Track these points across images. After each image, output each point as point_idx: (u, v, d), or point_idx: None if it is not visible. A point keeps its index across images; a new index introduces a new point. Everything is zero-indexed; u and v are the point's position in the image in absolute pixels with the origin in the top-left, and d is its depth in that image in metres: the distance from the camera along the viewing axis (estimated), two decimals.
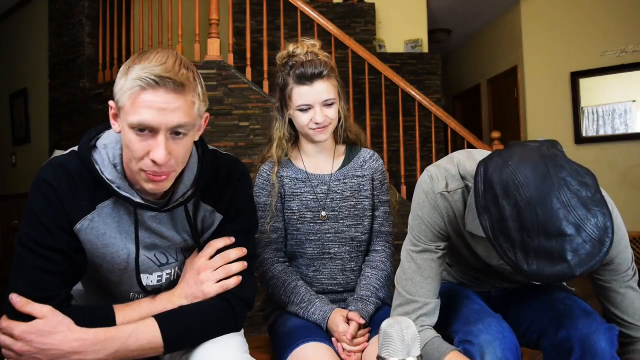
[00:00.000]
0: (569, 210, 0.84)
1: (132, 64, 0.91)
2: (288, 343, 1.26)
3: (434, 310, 1.15)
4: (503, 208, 0.88)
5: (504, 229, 0.88)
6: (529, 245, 0.85)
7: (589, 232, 0.84)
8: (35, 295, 0.92)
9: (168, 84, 0.89)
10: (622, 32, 5.00)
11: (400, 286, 1.17)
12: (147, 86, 0.88)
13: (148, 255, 1.05)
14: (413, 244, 1.17)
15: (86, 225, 0.98)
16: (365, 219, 1.48)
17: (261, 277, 1.45)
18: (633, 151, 4.97)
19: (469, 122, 6.61)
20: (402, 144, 3.69)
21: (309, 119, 1.39)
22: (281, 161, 1.49)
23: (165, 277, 1.09)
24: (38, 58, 4.91)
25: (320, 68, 1.38)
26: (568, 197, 0.85)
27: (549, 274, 0.85)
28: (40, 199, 0.96)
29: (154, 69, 0.88)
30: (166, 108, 0.89)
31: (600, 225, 0.85)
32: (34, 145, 5.11)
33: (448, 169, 1.16)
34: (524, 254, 0.86)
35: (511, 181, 0.88)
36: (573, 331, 1.12)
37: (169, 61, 0.90)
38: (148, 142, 0.91)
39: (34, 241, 0.94)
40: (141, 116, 0.89)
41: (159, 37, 3.59)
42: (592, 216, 0.85)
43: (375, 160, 1.53)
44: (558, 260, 0.84)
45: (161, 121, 0.90)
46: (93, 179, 0.98)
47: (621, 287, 1.13)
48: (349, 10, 4.75)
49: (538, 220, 0.85)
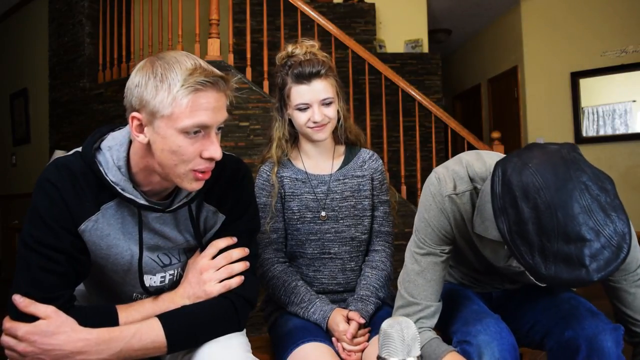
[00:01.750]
0: (589, 215, 0.83)
1: (165, 72, 0.91)
2: (288, 343, 1.26)
3: (434, 313, 1.15)
4: (522, 210, 0.87)
5: (522, 232, 0.87)
6: (547, 249, 0.84)
7: (607, 237, 0.83)
8: (38, 295, 0.92)
9: (218, 83, 0.93)
10: (622, 32, 5.00)
11: (402, 288, 1.18)
12: (203, 88, 0.91)
13: (151, 256, 1.06)
14: (418, 246, 1.17)
15: (90, 226, 0.98)
16: (365, 218, 1.48)
17: (261, 277, 1.45)
18: (633, 151, 4.97)
19: (469, 122, 6.61)
20: (402, 144, 3.69)
21: (307, 118, 1.40)
22: (281, 161, 1.49)
23: (168, 277, 1.10)
24: (38, 58, 4.92)
25: (318, 67, 1.39)
26: (588, 202, 0.84)
27: (567, 278, 0.84)
28: (44, 199, 0.96)
29: (200, 72, 0.91)
30: (216, 106, 0.94)
31: (618, 232, 0.84)
32: (34, 145, 5.11)
33: (456, 171, 1.15)
34: (542, 258, 0.85)
35: (531, 183, 0.86)
36: (580, 331, 1.12)
37: (197, 62, 0.93)
38: (200, 143, 0.94)
39: (37, 241, 0.94)
40: (199, 118, 0.92)
41: (159, 37, 3.59)
42: (611, 222, 0.84)
43: (374, 160, 1.53)
44: (576, 265, 0.83)
45: (215, 119, 0.95)
46: (96, 180, 0.98)
47: (631, 286, 1.13)
48: (349, 10, 4.75)
49: (558, 223, 0.83)
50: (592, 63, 5.11)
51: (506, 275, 1.29)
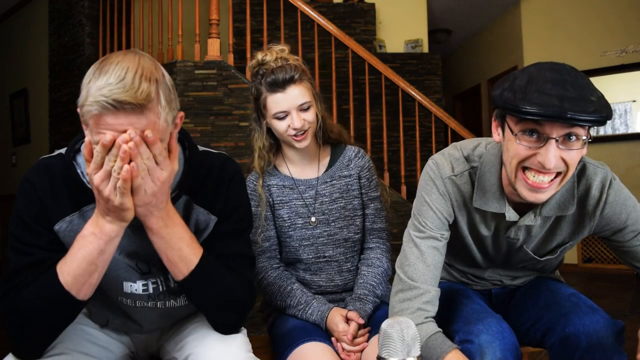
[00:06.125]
0: (577, 79, 0.95)
1: (92, 77, 0.86)
2: (287, 343, 1.26)
3: (434, 299, 1.14)
4: (515, 75, 1.00)
5: (511, 86, 0.97)
6: (529, 88, 0.94)
7: (595, 94, 0.94)
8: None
9: (126, 107, 0.83)
10: (622, 32, 5.00)
11: (401, 271, 1.16)
12: (105, 110, 0.83)
13: (129, 262, 1.04)
14: (418, 230, 1.17)
15: (64, 227, 0.97)
16: (356, 218, 1.47)
17: (257, 285, 1.45)
18: (633, 151, 4.97)
19: (469, 122, 6.62)
20: (402, 144, 3.69)
21: (287, 125, 1.37)
22: (266, 170, 1.48)
23: (152, 286, 1.08)
24: (38, 58, 4.91)
25: (291, 72, 1.35)
26: (579, 80, 0.95)
27: (546, 103, 0.91)
28: (22, 198, 0.97)
29: (112, 90, 0.82)
30: (129, 129, 0.84)
31: (604, 100, 0.95)
32: (34, 145, 5.11)
33: (452, 154, 1.18)
34: (523, 94, 0.94)
35: (530, 66, 1.01)
36: (581, 327, 1.12)
37: (128, 75, 0.84)
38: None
39: (17, 240, 0.95)
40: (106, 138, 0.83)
41: (159, 37, 3.59)
42: (598, 93, 0.95)
43: (360, 158, 1.51)
44: (558, 90, 0.92)
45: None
46: (76, 182, 0.98)
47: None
48: (349, 10, 4.75)
49: (545, 76, 0.94)
50: (592, 63, 5.11)
51: (506, 262, 1.29)
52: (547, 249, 1.24)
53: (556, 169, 0.98)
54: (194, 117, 3.07)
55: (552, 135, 0.95)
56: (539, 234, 1.20)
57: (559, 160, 0.97)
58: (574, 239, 1.22)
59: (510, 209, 1.13)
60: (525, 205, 1.11)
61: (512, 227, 1.17)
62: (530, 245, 1.23)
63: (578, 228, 1.19)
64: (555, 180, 1.01)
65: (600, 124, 0.92)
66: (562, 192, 1.12)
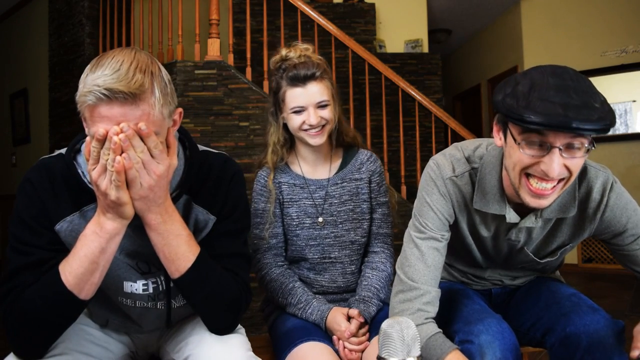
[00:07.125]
0: (580, 84, 0.94)
1: (89, 71, 0.87)
2: (287, 342, 1.26)
3: (435, 299, 1.14)
4: (517, 79, 0.98)
5: (514, 92, 0.96)
6: (532, 95, 0.92)
7: (598, 100, 0.92)
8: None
9: (119, 96, 0.83)
10: (622, 32, 5.00)
11: (401, 272, 1.16)
12: (99, 101, 0.84)
13: (129, 262, 1.04)
14: (418, 230, 1.17)
15: (65, 227, 0.97)
16: (364, 221, 1.48)
17: (260, 280, 1.45)
18: (633, 151, 4.97)
19: (469, 122, 6.62)
20: (402, 144, 3.69)
21: (302, 121, 1.38)
22: (278, 166, 1.48)
23: (152, 286, 1.08)
24: (38, 58, 4.91)
25: (313, 69, 1.37)
26: (582, 85, 0.94)
27: (550, 112, 0.89)
28: (22, 198, 0.96)
29: (106, 80, 0.83)
30: (123, 120, 0.85)
31: (607, 105, 0.93)
32: (34, 145, 5.11)
33: (453, 154, 1.18)
34: (526, 101, 0.92)
35: (531, 70, 1.00)
36: (581, 327, 1.12)
37: (123, 66, 0.85)
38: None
39: (17, 240, 0.94)
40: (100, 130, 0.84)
41: (159, 37, 3.59)
42: (601, 99, 0.94)
43: (372, 162, 1.52)
44: (562, 97, 0.91)
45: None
46: (77, 182, 0.98)
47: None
48: (349, 10, 4.75)
49: (548, 82, 0.93)
50: (592, 63, 5.11)
51: (505, 261, 1.29)
52: (547, 250, 1.24)
53: (559, 177, 0.98)
54: (194, 117, 3.07)
55: (555, 144, 0.94)
56: (539, 236, 1.20)
57: (562, 168, 0.97)
58: (574, 241, 1.22)
59: (511, 211, 1.13)
60: (526, 207, 1.11)
61: (513, 229, 1.17)
62: (531, 247, 1.23)
63: (578, 230, 1.19)
64: (558, 186, 1.01)
65: (604, 132, 0.91)
66: (563, 195, 1.12)
